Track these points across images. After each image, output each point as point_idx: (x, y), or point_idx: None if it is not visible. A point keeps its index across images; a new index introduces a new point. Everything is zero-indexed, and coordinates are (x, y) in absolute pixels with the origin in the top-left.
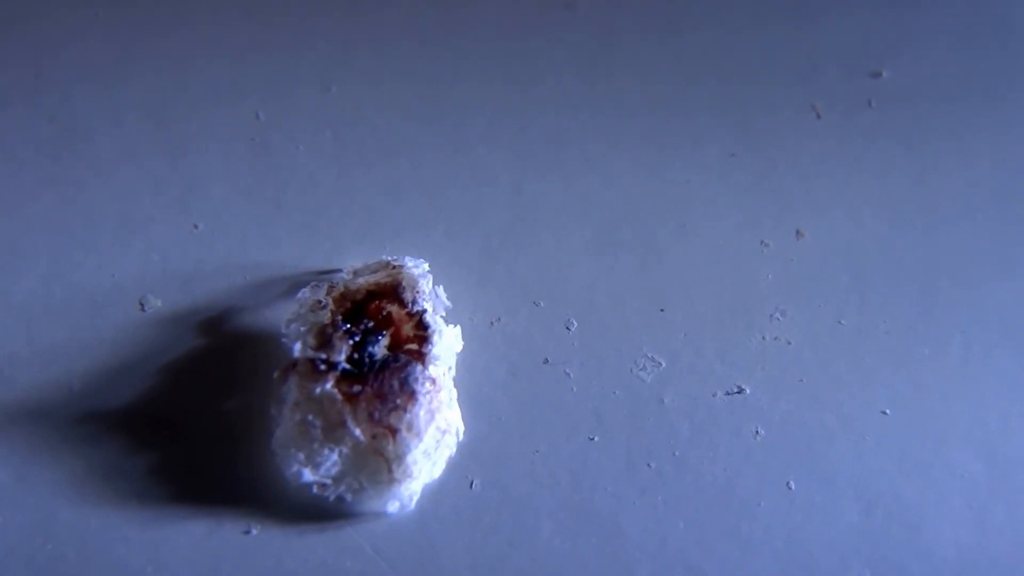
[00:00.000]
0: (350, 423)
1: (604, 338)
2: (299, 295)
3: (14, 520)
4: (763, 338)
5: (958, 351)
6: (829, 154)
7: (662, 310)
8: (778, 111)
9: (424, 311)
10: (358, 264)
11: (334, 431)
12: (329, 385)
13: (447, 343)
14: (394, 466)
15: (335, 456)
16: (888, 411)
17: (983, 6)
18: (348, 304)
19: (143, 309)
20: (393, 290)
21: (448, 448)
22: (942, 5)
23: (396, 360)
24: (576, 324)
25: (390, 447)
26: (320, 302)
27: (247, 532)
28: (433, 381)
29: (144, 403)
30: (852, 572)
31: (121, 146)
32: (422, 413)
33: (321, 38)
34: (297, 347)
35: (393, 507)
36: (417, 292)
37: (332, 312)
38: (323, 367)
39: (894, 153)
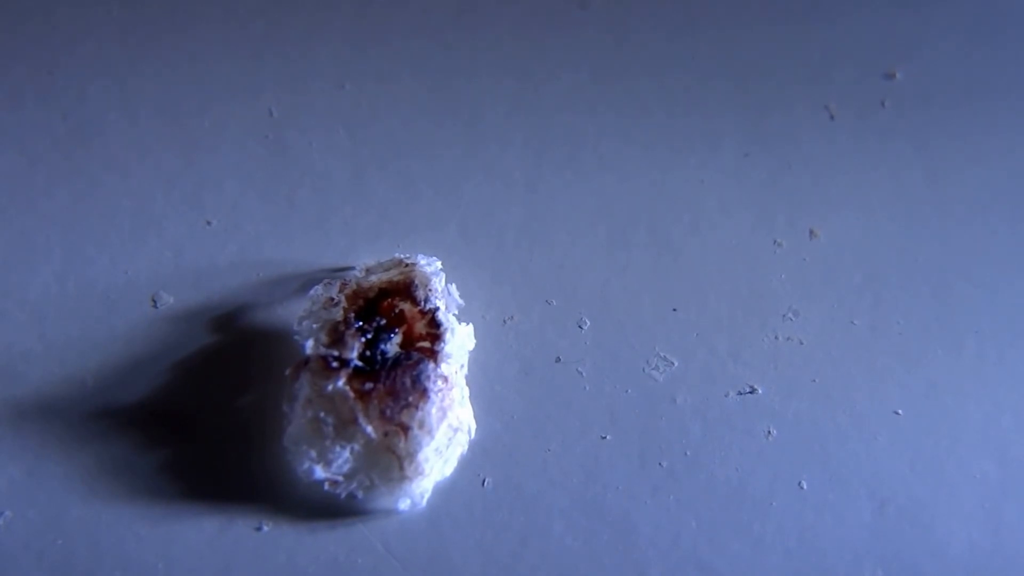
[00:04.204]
0: (362, 420)
1: (617, 337)
2: (311, 292)
3: (25, 516)
4: (776, 338)
5: (971, 351)
6: (843, 154)
7: (675, 309)
8: (792, 111)
9: (436, 309)
10: (371, 262)
11: (346, 428)
12: (341, 382)
13: (459, 341)
14: (406, 463)
15: (347, 453)
16: (901, 411)
17: (997, 7)
18: (360, 301)
19: (155, 306)
20: (406, 288)
21: (460, 446)
22: (956, 6)
23: (408, 358)
24: (588, 323)
25: (402, 444)
26: (332, 299)
27: (258, 529)
28: (445, 379)
29: (156, 399)
30: (864, 571)
31: (134, 143)
32: (434, 411)
33: (334, 35)
34: (309, 344)
35: (404, 505)
36: (430, 290)
37: (344, 309)
38: (335, 364)
39: (907, 154)
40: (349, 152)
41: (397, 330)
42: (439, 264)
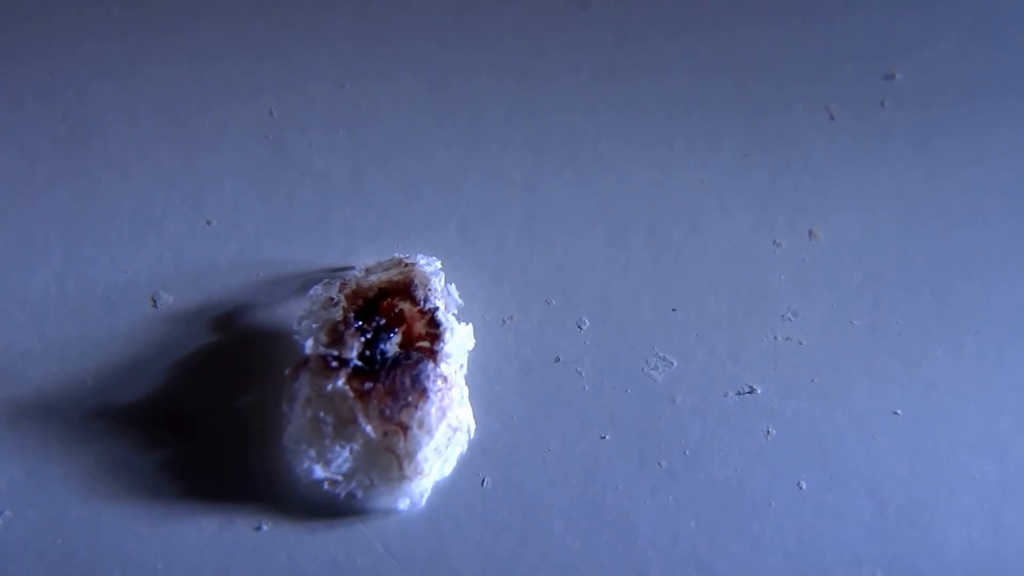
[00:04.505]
0: (361, 420)
1: (616, 337)
2: (311, 292)
3: (25, 516)
4: (775, 338)
5: (971, 351)
6: (842, 155)
7: (674, 309)
8: (792, 112)
9: (436, 309)
10: (371, 261)
11: (345, 428)
12: (340, 382)
13: (459, 341)
14: (405, 463)
15: (346, 453)
16: (900, 411)
17: (996, 8)
18: (360, 301)
19: (155, 305)
20: (405, 287)
21: (459, 446)
22: (955, 7)
23: (408, 357)
24: (588, 323)
25: (401, 444)
26: (332, 299)
27: (258, 528)
28: (444, 378)
29: (156, 399)
30: (863, 572)
31: (134, 143)
32: (433, 410)
33: (335, 35)
34: (309, 344)
35: (404, 504)
36: (429, 290)
37: (344, 309)
38: (335, 364)
39: (907, 154)
40: (349, 152)
41: (397, 330)
42: (439, 264)
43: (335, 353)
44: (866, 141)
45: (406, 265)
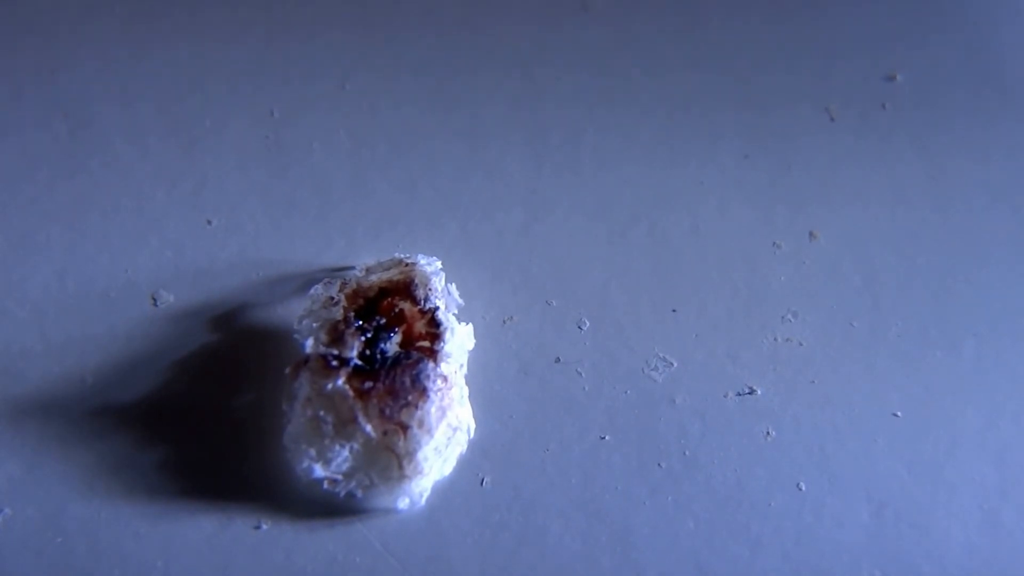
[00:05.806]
0: (361, 419)
1: (616, 338)
2: (311, 291)
3: (25, 514)
4: (775, 339)
5: (970, 354)
6: (843, 156)
7: (674, 310)
8: (792, 113)
9: (436, 308)
10: (371, 261)
11: (345, 427)
12: (341, 381)
13: (459, 341)
14: (405, 462)
15: (346, 452)
16: (899, 413)
17: (997, 10)
18: (360, 301)
19: (155, 304)
20: (405, 287)
21: (459, 445)
22: (957, 9)
23: (408, 357)
24: (588, 323)
25: (401, 443)
26: (332, 298)
27: (257, 527)
28: (444, 378)
29: (155, 398)
30: (862, 573)
31: (135, 142)
32: (433, 410)
33: (335, 35)
34: (309, 343)
35: (403, 504)
36: (429, 289)
37: (344, 309)
38: (335, 363)
39: (908, 156)
40: (349, 152)
41: (397, 329)
42: (439, 264)
43: (335, 352)
44: (867, 142)
45: (406, 265)
